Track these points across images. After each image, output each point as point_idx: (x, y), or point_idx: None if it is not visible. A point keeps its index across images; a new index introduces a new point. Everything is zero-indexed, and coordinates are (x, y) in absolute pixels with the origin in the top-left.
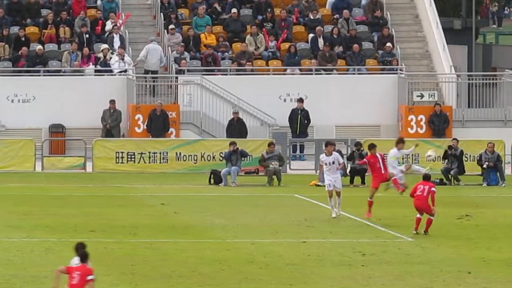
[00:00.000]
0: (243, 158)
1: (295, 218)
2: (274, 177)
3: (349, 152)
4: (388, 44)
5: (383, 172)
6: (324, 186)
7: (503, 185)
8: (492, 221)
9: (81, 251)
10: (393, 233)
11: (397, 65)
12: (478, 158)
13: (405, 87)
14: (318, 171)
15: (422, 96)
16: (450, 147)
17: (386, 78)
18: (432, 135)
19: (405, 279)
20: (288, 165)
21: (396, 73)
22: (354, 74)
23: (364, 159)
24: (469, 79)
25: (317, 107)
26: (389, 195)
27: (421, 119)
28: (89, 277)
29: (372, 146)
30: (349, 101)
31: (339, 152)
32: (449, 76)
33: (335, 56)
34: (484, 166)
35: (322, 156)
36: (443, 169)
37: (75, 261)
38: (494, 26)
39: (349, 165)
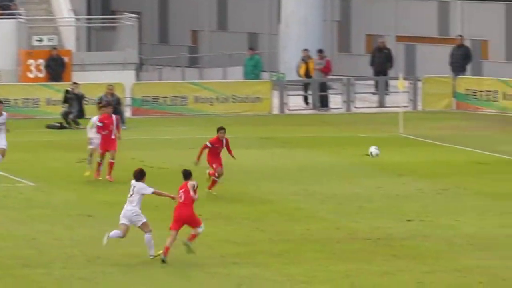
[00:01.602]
0: None
1: None
2: None
3: None
4: None
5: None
6: None
7: (124, 128)
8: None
9: (184, 170)
10: (14, 178)
11: (17, 9)
12: (98, 101)
13: (25, 32)
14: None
15: (41, 40)
16: (67, 91)
17: (5, 23)
18: (50, 79)
19: (28, 224)
20: None
21: (15, 18)
22: None
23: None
24: (88, 23)
25: None
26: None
27: (40, 64)
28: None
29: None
30: None
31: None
32: (68, 19)
33: None
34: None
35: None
36: (62, 112)
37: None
38: None
39: None
